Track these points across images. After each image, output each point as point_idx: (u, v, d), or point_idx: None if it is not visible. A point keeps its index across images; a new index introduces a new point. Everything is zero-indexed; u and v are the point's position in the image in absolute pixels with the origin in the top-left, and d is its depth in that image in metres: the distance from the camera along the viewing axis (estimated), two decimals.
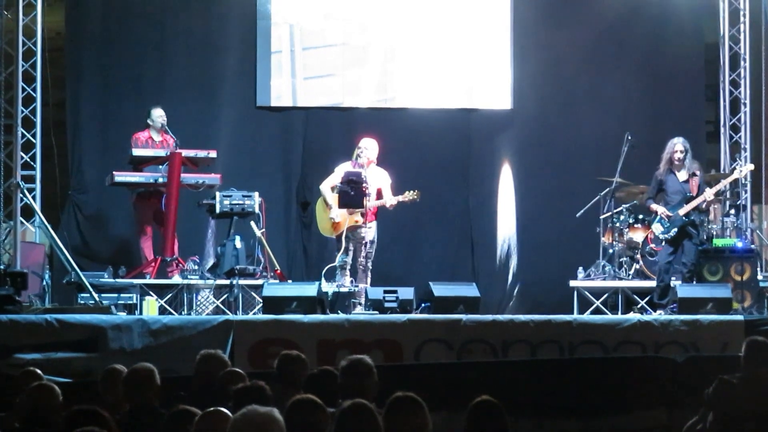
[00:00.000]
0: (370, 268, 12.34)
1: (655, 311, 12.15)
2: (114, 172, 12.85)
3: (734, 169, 13.69)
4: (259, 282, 12.20)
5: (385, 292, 11.63)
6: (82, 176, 14.09)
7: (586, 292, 12.95)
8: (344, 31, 14.45)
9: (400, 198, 12.34)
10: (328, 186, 12.51)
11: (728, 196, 13.98)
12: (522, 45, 14.49)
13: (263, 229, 12.65)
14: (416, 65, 14.50)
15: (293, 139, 14.49)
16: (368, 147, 12.43)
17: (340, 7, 14.50)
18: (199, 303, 12.49)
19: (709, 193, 12.31)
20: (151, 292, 12.28)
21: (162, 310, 12.15)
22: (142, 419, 5.97)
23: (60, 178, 13.74)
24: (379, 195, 12.40)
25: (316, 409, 4.80)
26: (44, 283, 12.67)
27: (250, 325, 10.78)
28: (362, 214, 12.18)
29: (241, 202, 12.71)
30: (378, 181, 12.40)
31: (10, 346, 10.33)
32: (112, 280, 12.41)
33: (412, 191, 12.31)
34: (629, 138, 13.15)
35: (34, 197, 13.15)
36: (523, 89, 14.49)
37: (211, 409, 4.57)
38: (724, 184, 12.96)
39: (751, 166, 13.43)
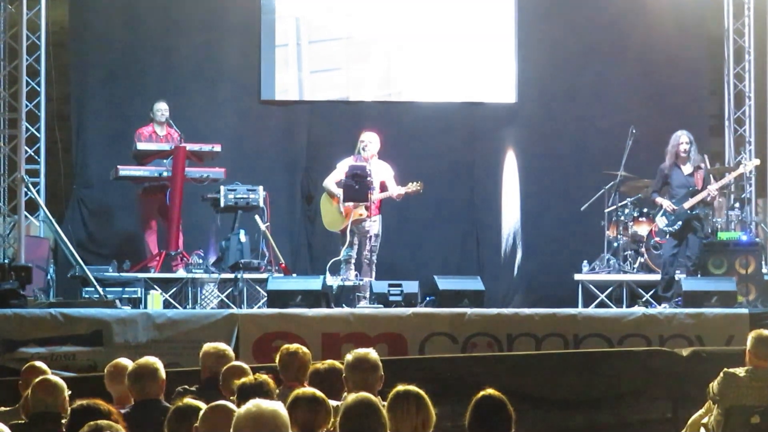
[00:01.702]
0: (375, 261, 12.34)
1: (659, 304, 12.15)
2: (118, 167, 12.86)
3: (739, 163, 13.65)
4: (264, 276, 12.23)
5: (390, 285, 11.63)
6: (86, 170, 14.09)
7: (591, 286, 12.93)
8: (349, 25, 14.44)
9: (404, 189, 12.33)
10: (332, 181, 12.50)
11: (733, 189, 13.96)
12: (526, 39, 14.47)
13: (268, 223, 12.66)
14: (421, 59, 14.48)
15: (298, 133, 14.48)
16: (372, 141, 12.41)
17: (344, 0, 14.49)
18: (203, 297, 12.49)
19: (713, 188, 12.29)
20: (155, 286, 12.30)
21: (167, 304, 12.16)
22: (147, 413, 5.97)
23: (64, 173, 13.74)
24: (383, 188, 12.40)
25: (319, 403, 4.80)
26: (49, 277, 12.67)
27: (255, 319, 10.79)
28: (366, 208, 12.18)
29: (245, 196, 12.72)
30: (381, 174, 12.40)
31: (15, 340, 10.35)
32: (116, 274, 12.43)
33: (415, 182, 12.31)
34: (633, 131, 13.14)
35: (38, 191, 13.16)
36: (527, 83, 14.48)
37: (216, 403, 4.57)
38: (729, 178, 12.94)
39: (757, 161, 13.38)
